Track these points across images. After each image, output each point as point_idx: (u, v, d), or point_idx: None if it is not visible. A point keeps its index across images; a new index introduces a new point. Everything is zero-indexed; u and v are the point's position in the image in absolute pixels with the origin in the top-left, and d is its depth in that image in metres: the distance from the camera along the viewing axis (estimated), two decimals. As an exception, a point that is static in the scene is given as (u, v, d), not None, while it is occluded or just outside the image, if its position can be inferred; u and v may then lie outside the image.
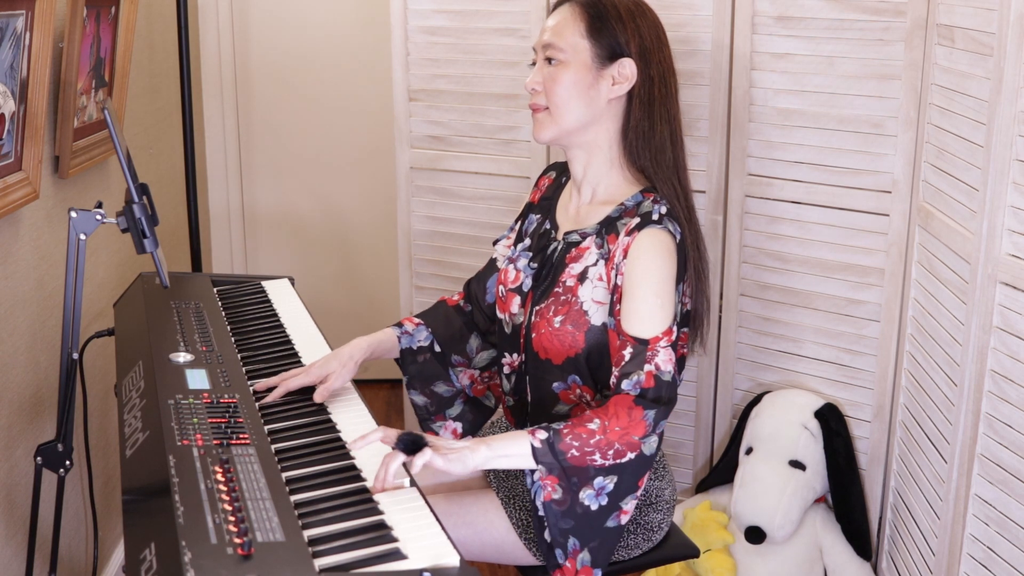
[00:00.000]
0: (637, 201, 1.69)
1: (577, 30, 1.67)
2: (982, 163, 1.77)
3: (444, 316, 1.93)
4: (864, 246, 2.22)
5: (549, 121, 1.70)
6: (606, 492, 1.59)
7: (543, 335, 1.70)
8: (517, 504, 1.72)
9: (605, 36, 1.67)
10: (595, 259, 1.67)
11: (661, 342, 1.59)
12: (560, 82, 1.67)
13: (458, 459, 1.50)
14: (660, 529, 1.77)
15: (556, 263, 1.72)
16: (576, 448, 1.54)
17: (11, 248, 1.90)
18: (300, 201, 3.61)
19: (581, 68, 1.67)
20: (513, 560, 1.73)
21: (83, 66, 2.10)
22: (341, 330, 3.32)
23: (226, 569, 1.13)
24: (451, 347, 1.91)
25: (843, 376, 2.31)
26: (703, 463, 2.58)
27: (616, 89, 1.68)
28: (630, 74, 1.67)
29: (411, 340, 1.88)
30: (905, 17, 2.07)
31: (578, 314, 1.67)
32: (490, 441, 1.54)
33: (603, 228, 1.69)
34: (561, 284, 1.69)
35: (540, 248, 1.78)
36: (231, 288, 2.18)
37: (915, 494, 2.09)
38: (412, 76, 2.75)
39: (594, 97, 1.68)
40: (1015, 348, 1.73)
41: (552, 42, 1.68)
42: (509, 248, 1.88)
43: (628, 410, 1.56)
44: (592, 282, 1.66)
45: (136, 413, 1.56)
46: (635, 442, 1.56)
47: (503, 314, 1.81)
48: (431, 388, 1.90)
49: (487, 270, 1.91)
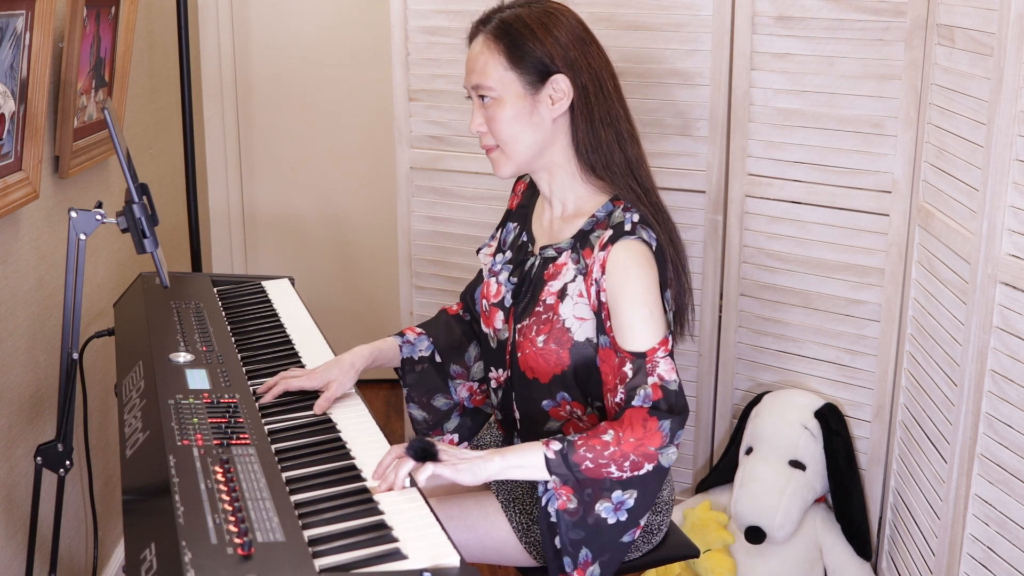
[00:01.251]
0: (608, 211, 1.66)
1: (499, 63, 1.63)
2: (982, 163, 1.77)
3: (445, 325, 1.92)
4: (864, 246, 2.22)
5: (504, 159, 1.68)
6: (626, 508, 1.57)
7: (528, 355, 1.68)
8: (518, 508, 1.71)
9: (528, 60, 1.62)
10: (573, 275, 1.65)
11: (658, 353, 1.57)
12: (501, 120, 1.64)
13: (468, 470, 1.50)
14: (659, 531, 1.77)
15: (535, 279, 1.70)
16: (591, 460, 1.53)
17: (11, 248, 1.90)
18: (300, 201, 3.61)
19: (516, 100, 1.64)
20: (513, 562, 1.73)
21: (83, 66, 2.10)
22: (341, 330, 3.33)
23: (226, 569, 1.13)
24: (451, 356, 1.89)
25: (843, 376, 2.31)
26: (703, 463, 2.58)
27: (556, 108, 1.64)
28: (566, 88, 1.63)
29: (412, 350, 1.87)
30: (905, 17, 2.07)
31: (560, 332, 1.65)
32: (504, 452, 1.54)
33: (577, 242, 1.67)
34: (541, 303, 1.67)
35: (519, 262, 1.76)
36: (231, 288, 2.18)
37: (915, 494, 2.09)
38: (412, 76, 2.75)
39: (538, 123, 1.65)
40: (1015, 348, 1.73)
41: (480, 82, 1.65)
42: (491, 257, 1.85)
43: (643, 421, 1.54)
44: (572, 298, 1.64)
45: (136, 413, 1.56)
46: (652, 453, 1.54)
47: (488, 328, 1.80)
48: (430, 402, 1.89)
49: (478, 280, 1.90)
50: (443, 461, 1.50)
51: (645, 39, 2.39)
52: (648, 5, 2.38)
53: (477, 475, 1.51)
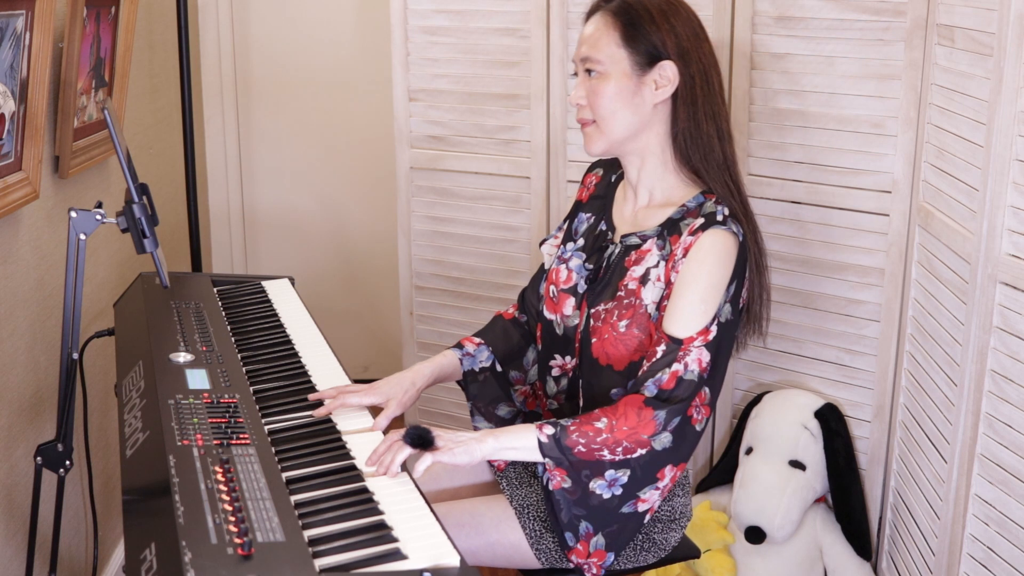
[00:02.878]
0: (699, 202, 1.68)
1: (613, 39, 1.65)
2: (982, 163, 1.77)
3: (503, 331, 1.90)
4: (864, 246, 2.22)
5: (598, 134, 1.69)
6: (620, 484, 1.59)
7: (607, 341, 1.67)
8: (531, 515, 1.70)
9: (641, 42, 1.64)
10: (656, 260, 1.66)
11: (696, 342, 1.58)
12: (603, 95, 1.65)
13: (464, 451, 1.53)
14: (673, 546, 1.78)
15: (615, 266, 1.70)
16: (583, 444, 1.55)
17: (11, 248, 1.90)
18: (300, 201, 3.61)
19: (622, 77, 1.65)
20: (520, 566, 1.72)
21: (83, 66, 2.10)
22: (341, 330, 3.33)
23: (226, 569, 1.13)
24: (510, 363, 1.89)
25: (843, 376, 2.31)
26: (703, 463, 2.58)
27: (660, 93, 1.65)
28: (672, 76, 1.65)
29: (473, 361, 1.86)
30: (905, 17, 2.07)
31: (643, 317, 1.65)
32: (497, 433, 1.56)
33: (665, 230, 1.67)
34: (623, 288, 1.67)
35: (596, 249, 1.76)
36: (231, 288, 2.18)
37: (915, 494, 2.09)
38: (412, 76, 2.75)
39: (639, 104, 1.66)
40: (1015, 348, 1.73)
41: (589, 55, 1.66)
42: (557, 247, 1.85)
43: (638, 411, 1.56)
44: (653, 283, 1.65)
45: (136, 413, 1.56)
46: (644, 440, 1.56)
47: (554, 315, 1.78)
48: (494, 411, 1.88)
49: (539, 276, 1.89)
50: (439, 448, 1.52)
51: (645, 39, 2.39)
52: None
53: (472, 455, 1.54)
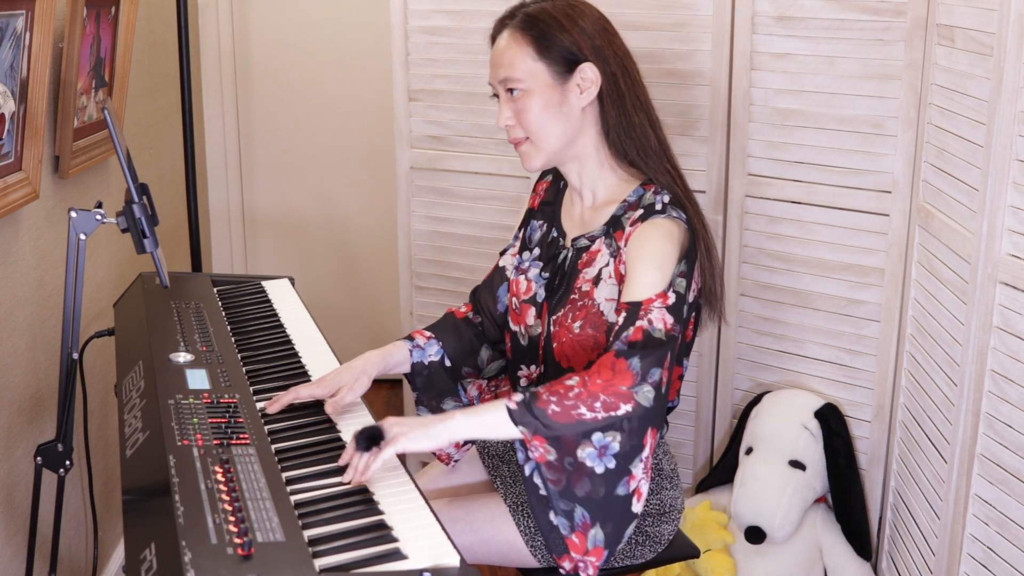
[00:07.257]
0: (639, 195, 1.69)
1: (527, 54, 1.65)
2: (982, 163, 1.77)
3: (454, 329, 1.89)
4: (864, 246, 2.22)
5: (534, 150, 1.70)
6: (611, 453, 1.52)
7: (564, 344, 1.68)
8: (526, 512, 1.70)
9: (555, 50, 1.64)
10: (607, 259, 1.67)
11: (655, 303, 1.55)
12: (531, 111, 1.66)
13: (424, 435, 1.48)
14: (668, 540, 1.77)
15: (569, 271, 1.72)
16: (555, 403, 1.49)
17: (11, 248, 1.90)
18: (300, 201, 3.61)
19: (545, 90, 1.65)
20: (517, 564, 1.72)
21: (83, 66, 2.10)
22: (341, 330, 3.33)
23: (226, 569, 1.13)
24: (462, 360, 1.88)
25: (843, 376, 2.31)
26: (703, 463, 2.58)
27: (585, 96, 1.66)
28: (594, 77, 1.65)
29: (422, 354, 1.85)
30: (905, 17, 2.07)
31: (595, 316, 1.66)
32: (467, 411, 1.52)
33: (610, 228, 1.69)
34: (576, 291, 1.69)
35: (550, 257, 1.77)
36: (231, 288, 2.18)
37: (915, 494, 2.09)
38: (412, 76, 2.75)
39: (568, 112, 1.67)
40: (1015, 348, 1.73)
41: (508, 75, 1.66)
42: (515, 256, 1.85)
43: (611, 365, 1.51)
44: (605, 281, 1.66)
45: (136, 413, 1.56)
46: (624, 392, 1.49)
47: (518, 326, 1.80)
48: (439, 405, 1.87)
49: (495, 279, 1.88)
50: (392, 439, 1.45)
51: (645, 39, 2.39)
52: (648, 5, 2.38)
53: (438, 438, 1.49)
